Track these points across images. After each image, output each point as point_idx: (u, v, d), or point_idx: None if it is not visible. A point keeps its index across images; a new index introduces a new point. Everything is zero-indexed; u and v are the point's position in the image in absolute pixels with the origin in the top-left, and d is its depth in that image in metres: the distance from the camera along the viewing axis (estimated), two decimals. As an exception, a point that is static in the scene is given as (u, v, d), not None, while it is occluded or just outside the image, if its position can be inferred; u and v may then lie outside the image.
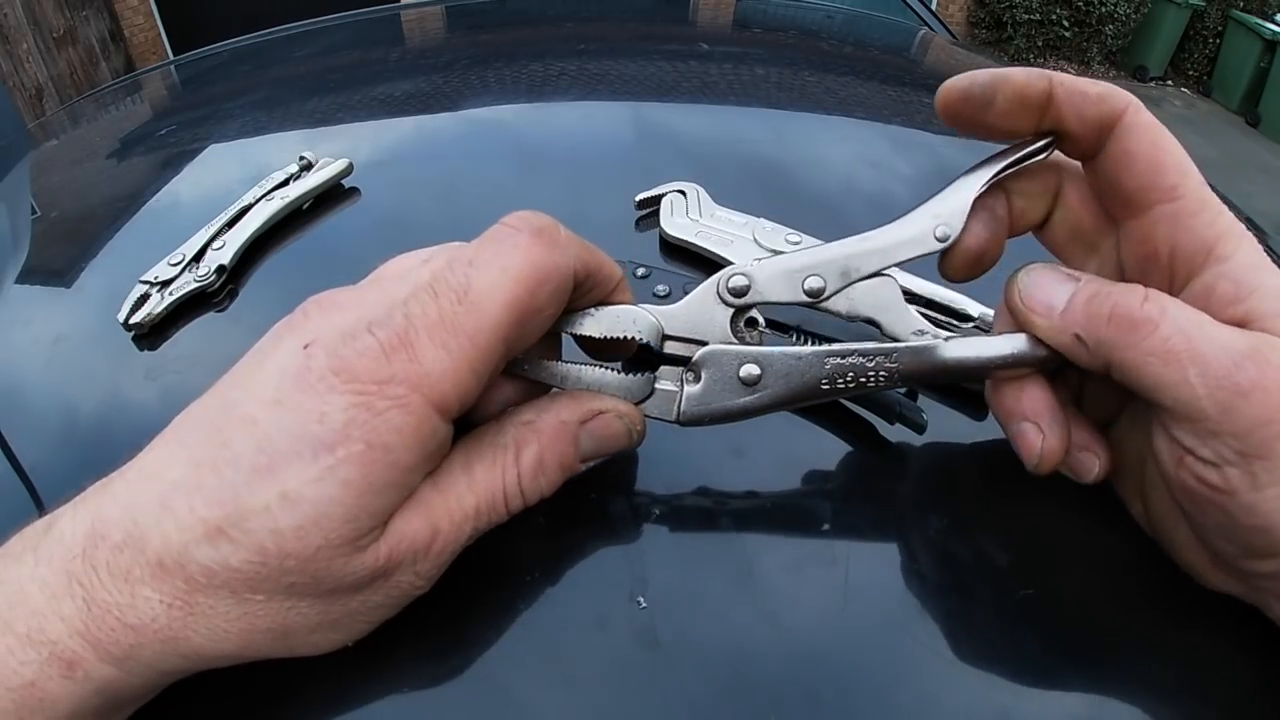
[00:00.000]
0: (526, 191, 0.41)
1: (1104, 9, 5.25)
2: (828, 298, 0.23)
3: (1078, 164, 0.24)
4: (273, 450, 0.17)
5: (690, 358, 0.23)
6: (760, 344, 0.23)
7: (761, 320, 0.23)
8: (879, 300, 0.23)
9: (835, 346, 0.23)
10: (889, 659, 0.22)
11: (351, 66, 0.65)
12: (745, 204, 0.36)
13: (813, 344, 0.23)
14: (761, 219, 0.35)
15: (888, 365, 0.22)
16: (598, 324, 0.22)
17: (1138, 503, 0.24)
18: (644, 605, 0.22)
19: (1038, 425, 0.23)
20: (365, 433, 0.17)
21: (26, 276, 0.39)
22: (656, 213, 0.36)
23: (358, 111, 0.53)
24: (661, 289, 0.30)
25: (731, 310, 0.23)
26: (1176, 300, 0.20)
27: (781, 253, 0.33)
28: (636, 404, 0.23)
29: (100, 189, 0.48)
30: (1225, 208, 0.22)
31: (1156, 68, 5.53)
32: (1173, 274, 0.22)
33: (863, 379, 0.22)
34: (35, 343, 0.34)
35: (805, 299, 0.23)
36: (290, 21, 0.82)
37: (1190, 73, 5.57)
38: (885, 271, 0.32)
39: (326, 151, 0.42)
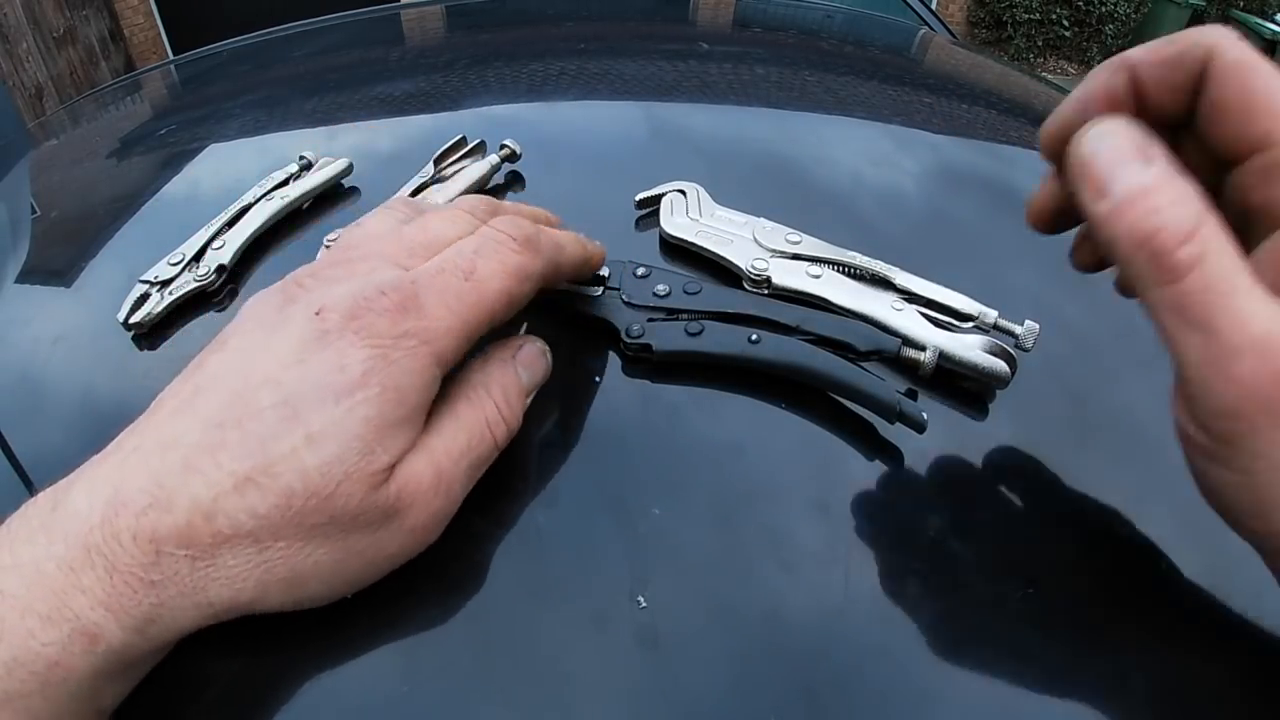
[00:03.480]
0: (526, 190, 0.41)
1: (1104, 9, 5.25)
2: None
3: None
4: (297, 401, 0.19)
5: None
6: None
7: None
8: None
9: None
10: (889, 659, 0.22)
11: (351, 66, 0.65)
12: (745, 203, 0.36)
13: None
14: (761, 218, 0.35)
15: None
16: None
17: None
18: (644, 605, 0.22)
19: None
20: (381, 378, 0.20)
21: (26, 276, 0.39)
22: (656, 212, 0.36)
23: (358, 111, 0.53)
24: (661, 289, 0.30)
25: None
26: (1226, 248, 0.18)
27: (783, 252, 0.33)
28: None
29: (100, 189, 0.48)
30: None
31: (1156, 67, 5.52)
32: (1269, 232, 0.20)
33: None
34: (35, 342, 0.34)
35: None
36: (290, 21, 0.82)
37: (1190, 72, 5.57)
38: (887, 274, 0.32)
39: (327, 151, 0.42)
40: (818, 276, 0.32)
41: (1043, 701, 0.22)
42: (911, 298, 0.32)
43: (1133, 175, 0.19)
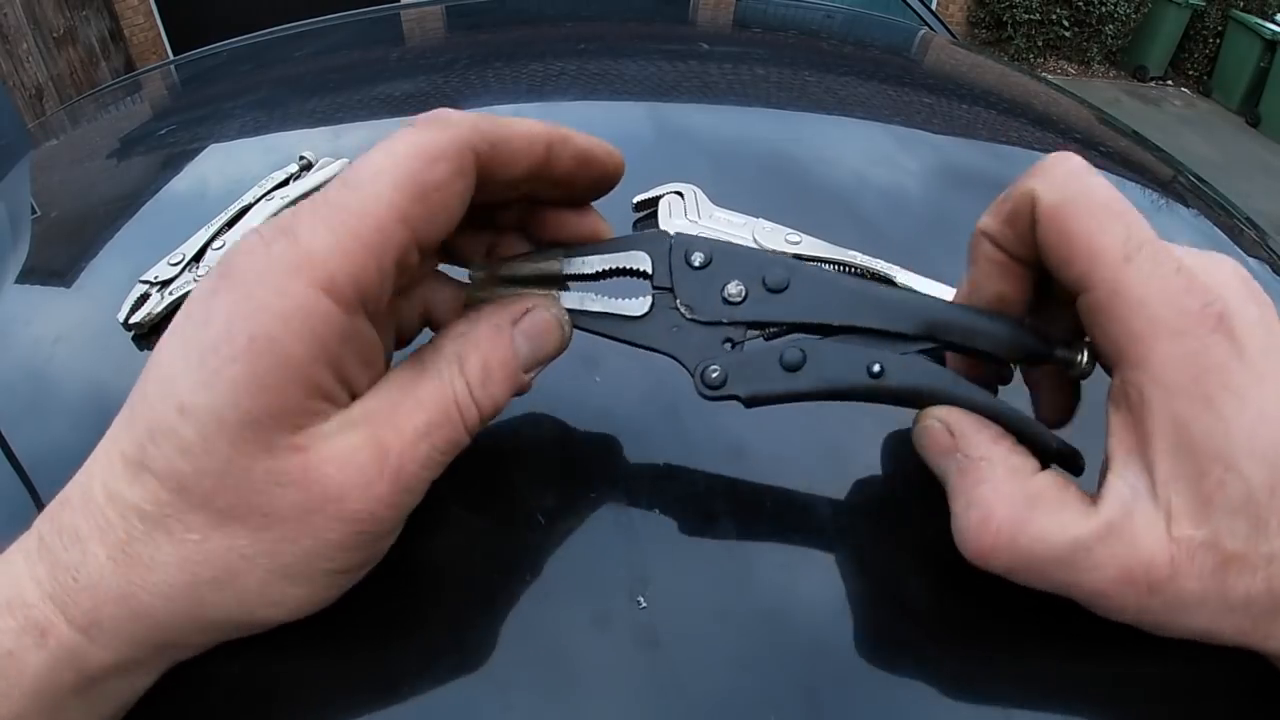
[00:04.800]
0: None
1: (1104, 9, 5.25)
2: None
3: None
4: (169, 369, 0.17)
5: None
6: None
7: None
8: None
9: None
10: (889, 659, 0.22)
11: (351, 66, 0.65)
12: (744, 204, 0.36)
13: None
14: (760, 219, 0.35)
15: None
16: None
17: None
18: (644, 605, 0.22)
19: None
20: (248, 325, 0.17)
21: (26, 276, 0.39)
22: (655, 214, 0.36)
23: (358, 111, 0.53)
24: (734, 290, 0.23)
25: None
26: (1015, 510, 0.20)
27: (782, 253, 0.33)
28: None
29: (100, 189, 0.48)
30: (1161, 289, 0.19)
31: (1156, 68, 5.53)
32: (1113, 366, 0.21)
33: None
34: (35, 342, 0.34)
35: None
36: (290, 21, 0.82)
37: (1190, 72, 5.57)
38: (888, 273, 0.32)
39: (327, 152, 0.42)
40: (818, 277, 0.32)
41: (1045, 705, 0.22)
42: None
43: (949, 465, 0.22)
